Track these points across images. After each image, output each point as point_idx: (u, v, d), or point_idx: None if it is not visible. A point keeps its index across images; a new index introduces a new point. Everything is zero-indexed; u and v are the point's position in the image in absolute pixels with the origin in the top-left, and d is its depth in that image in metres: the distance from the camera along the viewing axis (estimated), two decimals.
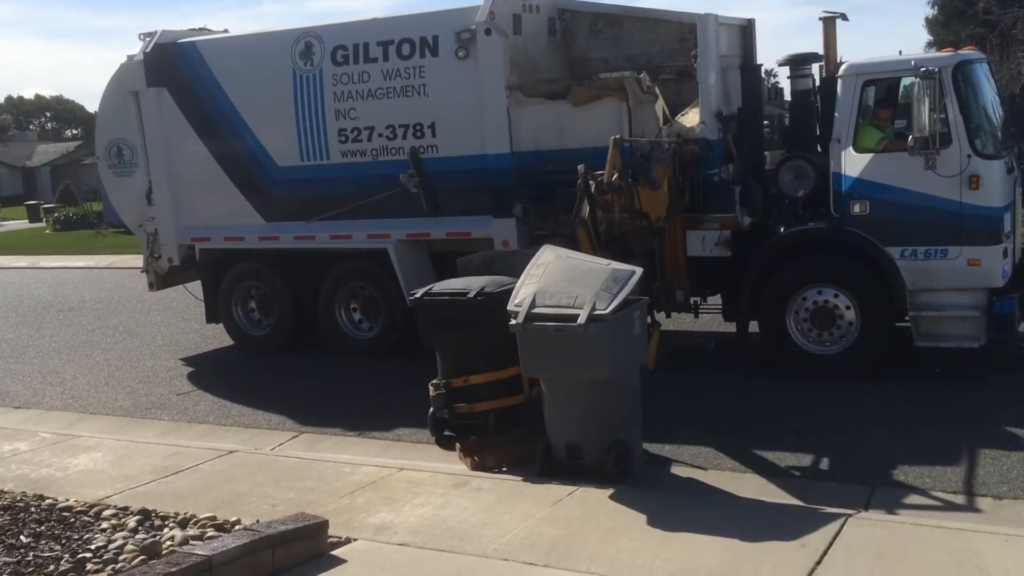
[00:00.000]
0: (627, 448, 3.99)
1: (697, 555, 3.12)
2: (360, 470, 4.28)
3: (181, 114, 6.89)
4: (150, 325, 9.01)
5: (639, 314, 4.04)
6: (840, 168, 5.26)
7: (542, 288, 3.99)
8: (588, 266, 4.12)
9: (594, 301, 3.79)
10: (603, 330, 3.73)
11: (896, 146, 5.24)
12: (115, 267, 15.27)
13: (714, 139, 5.49)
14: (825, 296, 5.33)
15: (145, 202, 7.19)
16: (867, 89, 5.26)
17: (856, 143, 5.24)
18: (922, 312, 5.13)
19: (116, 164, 7.34)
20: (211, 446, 4.88)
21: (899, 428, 4.46)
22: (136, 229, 7.47)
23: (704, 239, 5.56)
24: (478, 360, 4.33)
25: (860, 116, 5.23)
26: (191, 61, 6.80)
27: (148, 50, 6.87)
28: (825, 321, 5.34)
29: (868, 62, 5.46)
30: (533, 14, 6.16)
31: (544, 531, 3.45)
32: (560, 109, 5.88)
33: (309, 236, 6.68)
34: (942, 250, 5.05)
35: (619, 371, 3.90)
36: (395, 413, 5.24)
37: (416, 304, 4.52)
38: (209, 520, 3.68)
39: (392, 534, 3.53)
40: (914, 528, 3.20)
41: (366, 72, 6.17)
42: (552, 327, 3.80)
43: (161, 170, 7.04)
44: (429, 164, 6.14)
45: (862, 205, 5.20)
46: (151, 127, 6.97)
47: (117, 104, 7.14)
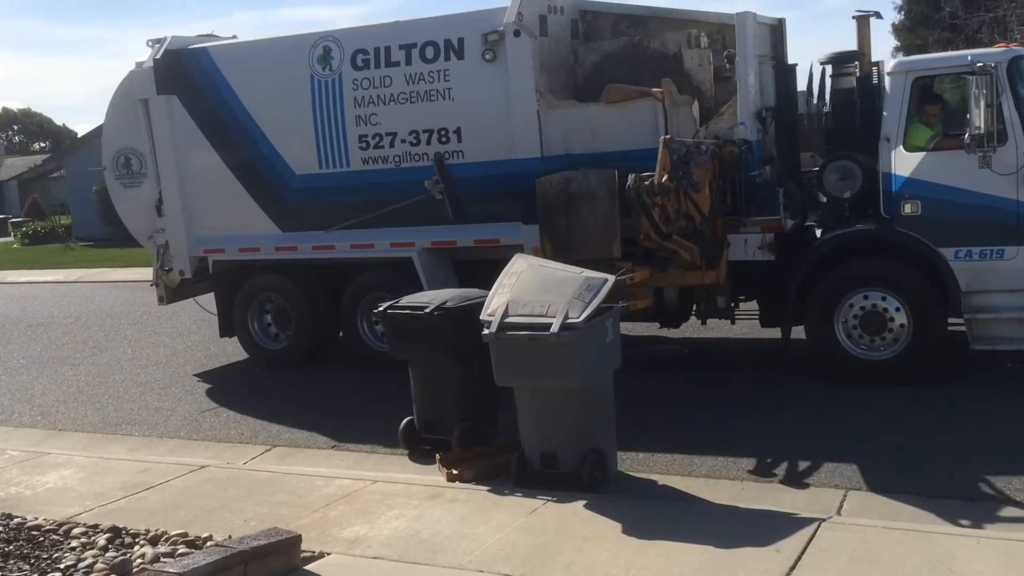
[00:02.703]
0: (602, 456, 4.75)
1: (672, 562, 3.75)
2: (334, 483, 5.02)
3: (193, 122, 8.06)
4: (120, 340, 10.54)
5: (612, 322, 4.78)
6: (890, 167, 6.21)
7: (515, 297, 4.74)
8: (561, 275, 4.89)
9: (567, 309, 4.51)
10: (576, 338, 4.45)
11: (948, 144, 6.18)
12: (84, 281, 17.49)
13: (754, 140, 6.51)
14: (873, 300, 6.28)
15: (155, 213, 8.37)
16: (917, 86, 6.21)
17: (906, 142, 6.19)
18: (977, 314, 6.04)
19: (124, 174, 8.54)
20: (182, 461, 5.70)
21: (870, 432, 5.40)
22: (145, 241, 8.68)
23: (746, 243, 6.53)
24: (443, 374, 5.28)
25: (910, 114, 6.18)
26: (203, 68, 7.98)
27: (158, 57, 8.03)
28: (875, 326, 6.28)
29: (919, 59, 6.41)
30: (558, 15, 7.22)
31: (519, 541, 4.09)
32: (592, 111, 6.95)
33: (329, 246, 7.77)
34: (998, 250, 5.96)
35: (592, 379, 4.64)
36: (369, 425, 6.22)
37: (379, 318, 5.56)
38: (180, 537, 4.32)
39: (366, 547, 4.14)
40: (887, 532, 3.87)
41: (388, 76, 7.26)
42: (525, 336, 4.52)
43: (172, 180, 8.22)
44: (455, 170, 7.20)
45: (913, 205, 6.14)
46: (161, 136, 8.15)
47: (125, 113, 8.31)
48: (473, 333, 4.86)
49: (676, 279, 6.25)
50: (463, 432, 5.28)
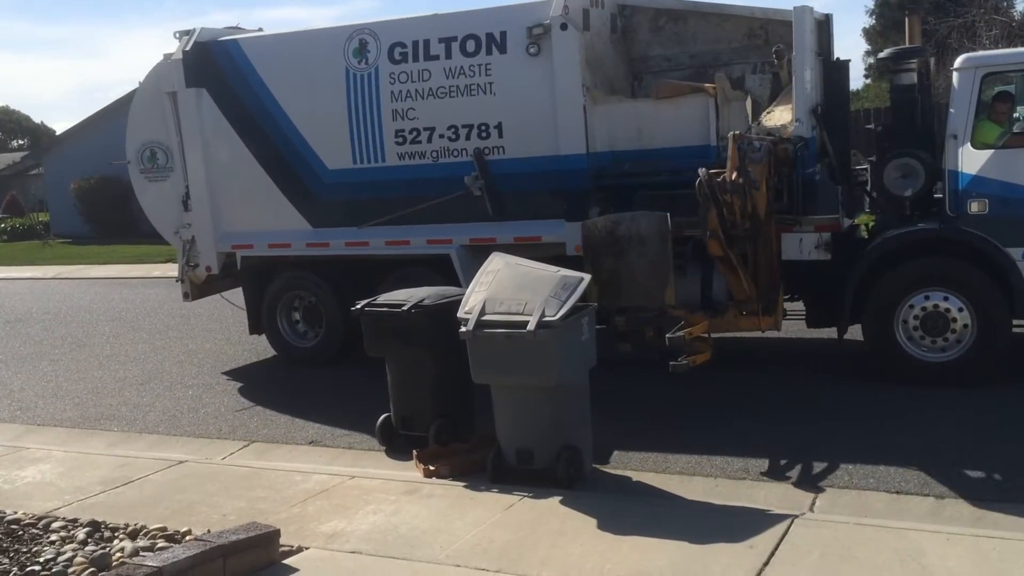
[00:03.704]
0: (577, 452, 5.73)
1: (647, 558, 4.48)
2: (311, 478, 5.99)
3: (222, 115, 9.53)
4: (98, 336, 12.56)
5: (587, 320, 5.77)
6: (956, 165, 7.25)
7: (492, 295, 5.68)
8: (537, 273, 5.85)
9: (543, 308, 5.40)
10: (552, 336, 5.33)
11: (1018, 141, 7.24)
12: (62, 278, 20.47)
13: (809, 137, 7.61)
14: (935, 300, 7.32)
15: (181, 208, 9.88)
16: (986, 82, 7.22)
17: (974, 139, 7.22)
18: None
19: (149, 168, 10.12)
20: (161, 456, 6.74)
21: (843, 430, 6.53)
22: (170, 237, 10.22)
23: (801, 242, 7.64)
24: (420, 371, 6.38)
25: (978, 111, 7.19)
26: (234, 60, 9.44)
27: (187, 49, 9.47)
28: (938, 327, 7.33)
29: (987, 54, 7.39)
30: (599, 9, 8.46)
31: (496, 536, 4.84)
32: (640, 107, 8.17)
33: (362, 243, 9.12)
34: None
35: (568, 377, 5.56)
36: (347, 421, 7.44)
37: (357, 315, 6.61)
38: (159, 531, 5.05)
39: (344, 542, 4.92)
40: (858, 528, 4.68)
41: (426, 70, 8.57)
42: (502, 334, 5.43)
43: (199, 174, 9.73)
44: (495, 166, 8.48)
45: (981, 204, 7.16)
46: (189, 129, 9.64)
47: (151, 106, 9.79)
48: (450, 330, 6.02)
49: (730, 325, 7.10)
50: (440, 428, 6.42)
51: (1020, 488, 5.43)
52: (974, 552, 4.47)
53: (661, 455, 6.29)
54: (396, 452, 6.71)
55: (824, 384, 7.74)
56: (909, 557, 4.40)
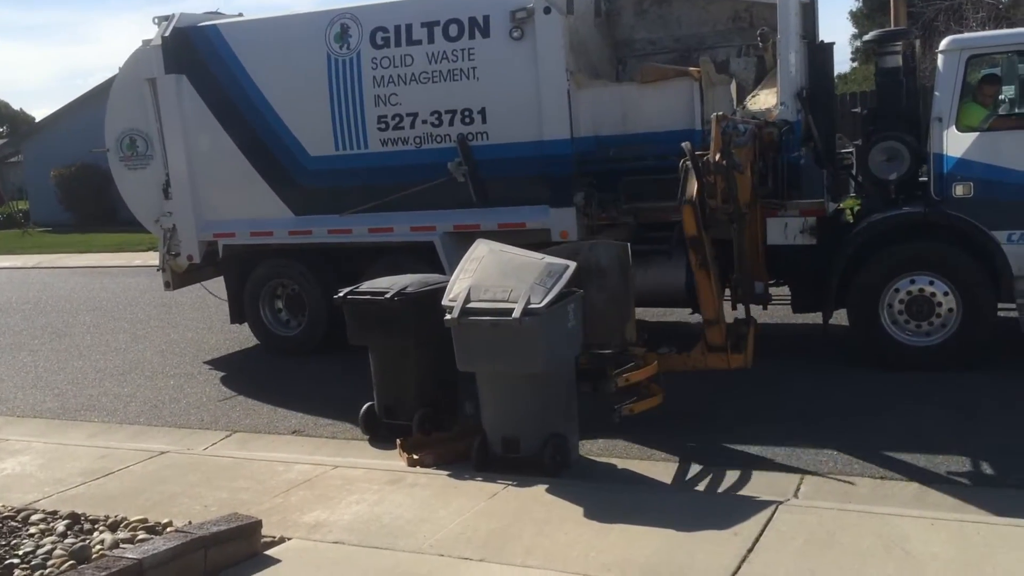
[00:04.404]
0: (564, 440, 5.74)
1: (632, 546, 4.51)
2: (294, 468, 5.98)
3: (203, 102, 9.50)
4: (78, 326, 12.52)
5: (574, 307, 5.75)
6: (941, 148, 7.27)
7: (477, 283, 5.67)
8: (522, 260, 5.82)
9: (528, 295, 5.41)
10: (537, 324, 5.35)
11: (1003, 124, 7.27)
12: (42, 267, 20.40)
13: (794, 120, 7.62)
14: (920, 284, 7.36)
15: (161, 196, 9.85)
16: (971, 65, 7.22)
17: (959, 121, 7.23)
18: None
19: (128, 156, 10.07)
20: (142, 447, 6.76)
21: (828, 415, 6.56)
22: (151, 225, 10.18)
23: (787, 226, 7.67)
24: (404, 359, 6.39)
25: (964, 93, 7.20)
26: (214, 46, 9.40)
27: (166, 35, 9.44)
28: (923, 311, 7.38)
29: (972, 36, 7.39)
30: None
31: (480, 525, 4.87)
32: (625, 91, 8.15)
33: (345, 230, 9.11)
34: None
35: (554, 364, 5.58)
36: (330, 410, 7.45)
37: (339, 304, 6.59)
38: (140, 523, 5.05)
39: (327, 532, 4.94)
40: (842, 514, 4.72)
41: (409, 55, 8.55)
42: (487, 321, 5.45)
43: (180, 162, 9.70)
44: (479, 152, 8.47)
45: (966, 187, 7.19)
46: (169, 116, 9.59)
47: (130, 92, 9.78)
48: (433, 318, 5.99)
49: (698, 362, 6.66)
50: (423, 417, 6.44)
51: (1004, 473, 5.48)
52: (958, 537, 4.50)
53: (646, 443, 6.31)
54: (379, 441, 6.72)
55: (809, 369, 7.79)
56: (893, 542, 4.45)
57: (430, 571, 4.50)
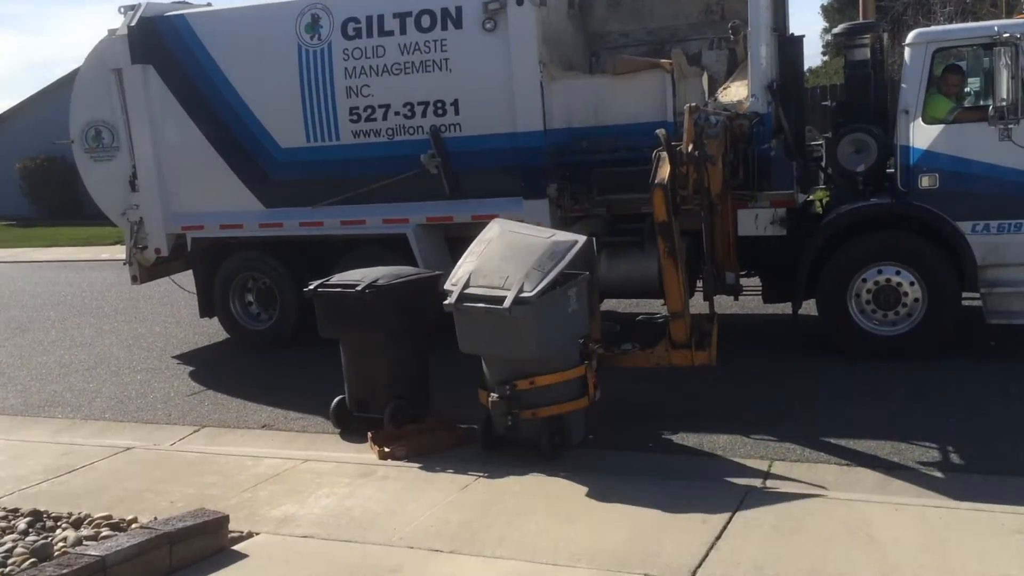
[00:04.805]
0: (563, 423, 5.92)
1: (602, 535, 4.63)
2: (263, 463, 6.03)
3: (170, 93, 9.48)
4: (42, 321, 12.43)
5: (576, 291, 5.84)
6: (908, 140, 7.43)
7: (478, 267, 5.82)
8: (528, 241, 5.90)
9: (522, 283, 5.52)
10: (528, 313, 5.48)
11: (968, 116, 7.43)
12: (6, 261, 20.00)
13: (765, 112, 7.74)
14: (887, 275, 7.53)
15: (128, 188, 9.82)
16: (937, 57, 7.39)
17: (925, 114, 7.40)
18: (993, 289, 7.29)
19: (94, 147, 10.02)
20: (107, 443, 6.72)
21: (796, 404, 6.73)
22: (117, 218, 10.15)
23: (757, 217, 7.81)
24: (375, 352, 6.45)
25: (930, 86, 7.37)
26: (181, 36, 9.37)
27: (132, 24, 9.41)
28: (890, 300, 7.56)
29: (938, 29, 7.56)
30: None
31: (451, 517, 4.96)
32: (597, 83, 8.23)
33: (317, 223, 9.13)
34: (1016, 224, 7.19)
35: (549, 351, 5.71)
36: (300, 404, 7.47)
37: (310, 296, 6.63)
38: (104, 519, 5.05)
39: (296, 526, 4.99)
40: (808, 500, 4.91)
41: (381, 46, 8.57)
42: (481, 308, 5.62)
43: (147, 154, 9.67)
44: (451, 144, 8.52)
45: (931, 178, 7.36)
46: (136, 107, 9.58)
47: (95, 83, 9.75)
48: (405, 311, 6.01)
49: (662, 359, 6.69)
50: (395, 410, 6.49)
51: (965, 459, 5.64)
52: (920, 521, 4.65)
53: (615, 434, 6.39)
54: (351, 435, 6.75)
55: (777, 359, 7.93)
56: (857, 527, 4.59)
57: (400, 563, 4.56)
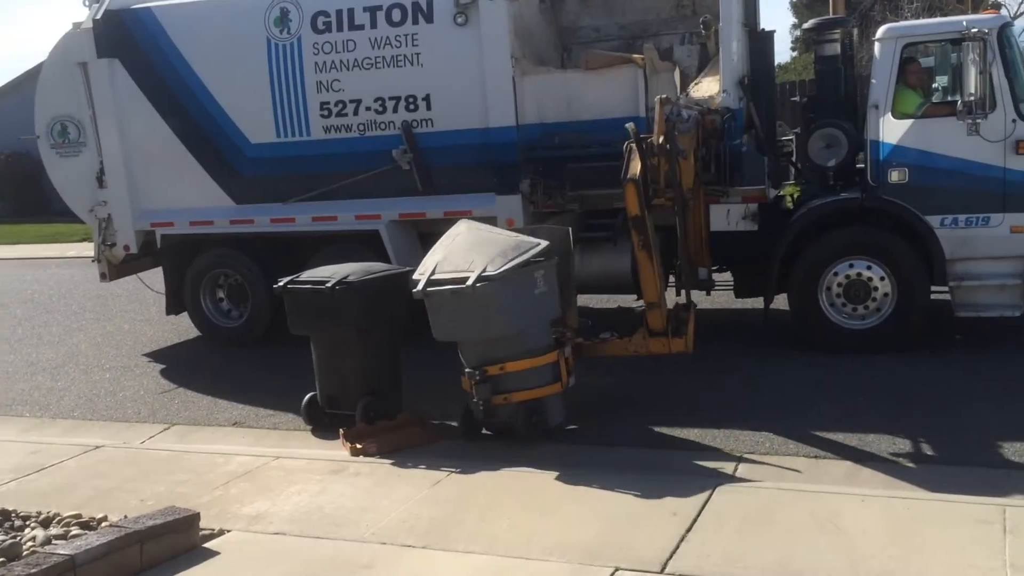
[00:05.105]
0: (541, 406, 6.03)
1: (573, 529, 4.70)
2: (234, 460, 6.05)
3: (137, 87, 9.44)
4: (9, 319, 12.34)
5: (543, 274, 6.03)
6: (878, 135, 7.55)
7: (445, 257, 6.04)
8: (494, 237, 6.14)
9: (486, 265, 5.74)
10: (492, 289, 5.67)
11: (937, 111, 7.59)
12: None
13: (736, 108, 7.83)
14: (858, 269, 7.65)
15: (96, 184, 9.77)
16: (907, 53, 7.51)
17: (895, 108, 7.53)
18: (962, 282, 7.44)
19: (60, 143, 9.96)
20: (76, 442, 6.72)
21: (766, 397, 6.86)
22: (85, 215, 10.10)
23: (729, 213, 7.93)
24: (346, 349, 6.52)
25: (899, 81, 7.50)
26: (148, 29, 9.33)
27: (97, 17, 9.37)
28: (859, 294, 7.68)
29: (907, 25, 7.69)
30: None
31: (423, 513, 5.02)
32: (570, 78, 8.30)
33: (288, 219, 9.14)
34: (984, 217, 7.34)
35: (517, 329, 5.88)
36: (272, 401, 7.50)
37: (280, 293, 6.70)
38: (74, 518, 5.05)
39: (267, 524, 5.02)
40: (778, 492, 5.01)
41: (351, 40, 8.58)
42: (448, 290, 5.80)
43: (114, 149, 9.63)
44: (423, 139, 8.55)
45: (901, 173, 7.50)
46: (102, 102, 9.53)
47: (61, 77, 9.68)
48: (376, 307, 6.04)
49: (639, 347, 6.87)
50: (366, 406, 6.51)
51: (932, 450, 5.77)
52: (887, 512, 4.75)
53: (586, 428, 6.47)
54: (322, 431, 6.77)
55: (748, 353, 8.04)
56: (826, 519, 4.68)
57: (371, 559, 4.59)
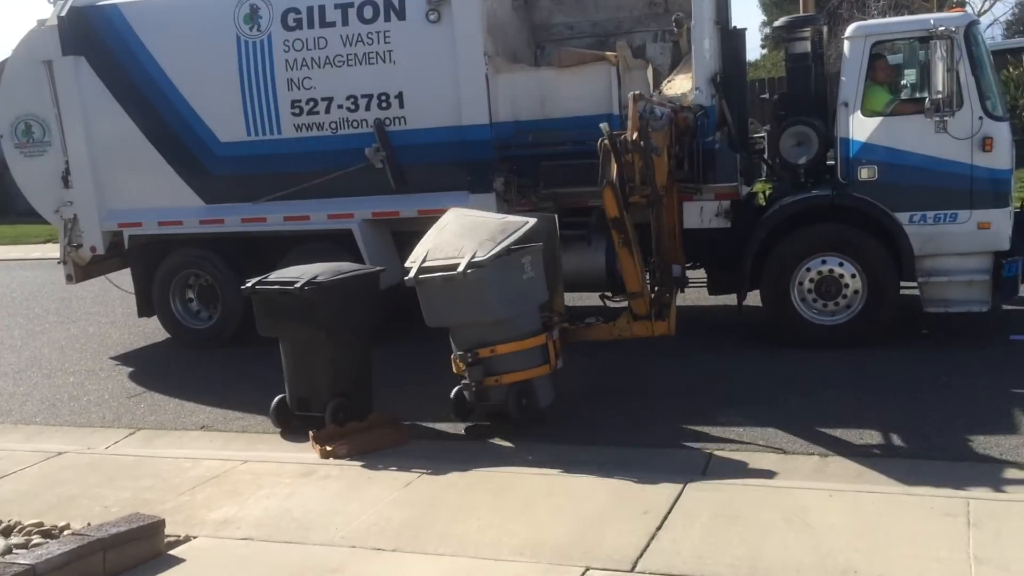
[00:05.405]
0: (531, 388, 6.23)
1: (544, 529, 4.73)
2: (201, 464, 6.02)
3: (104, 86, 9.39)
4: None
5: (530, 259, 6.26)
6: (848, 133, 7.69)
7: (435, 245, 6.26)
8: (482, 220, 6.35)
9: (476, 250, 5.97)
10: (483, 275, 5.91)
11: (906, 109, 7.73)
12: None
13: (709, 105, 7.94)
14: (830, 265, 7.80)
15: (61, 185, 9.72)
16: (876, 51, 7.66)
17: (864, 106, 7.66)
18: (930, 278, 7.60)
19: (24, 143, 9.89)
20: (38, 448, 6.68)
21: (736, 394, 6.96)
22: (50, 215, 10.04)
23: (703, 210, 8.04)
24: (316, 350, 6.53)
25: (868, 79, 7.64)
26: (114, 27, 9.28)
27: (62, 14, 9.30)
28: (831, 291, 7.83)
29: (877, 23, 7.84)
30: None
31: (393, 515, 5.02)
32: (544, 76, 8.37)
33: (259, 218, 9.14)
34: (952, 214, 7.50)
35: (508, 313, 6.11)
36: (240, 404, 7.48)
37: (249, 295, 6.72)
38: (35, 527, 4.99)
39: (235, 529, 5.00)
40: (746, 489, 5.10)
41: (322, 37, 8.59)
42: (439, 277, 6.03)
43: (80, 148, 9.57)
44: (397, 137, 8.58)
45: (870, 170, 7.64)
46: (68, 100, 9.48)
47: (25, 75, 9.62)
48: (346, 307, 6.09)
49: (623, 331, 7.16)
50: (337, 407, 6.54)
51: (898, 444, 5.90)
52: (854, 506, 4.85)
53: (557, 427, 6.53)
54: (292, 434, 6.78)
55: (722, 350, 8.15)
56: (794, 515, 4.76)
57: (341, 563, 4.59)
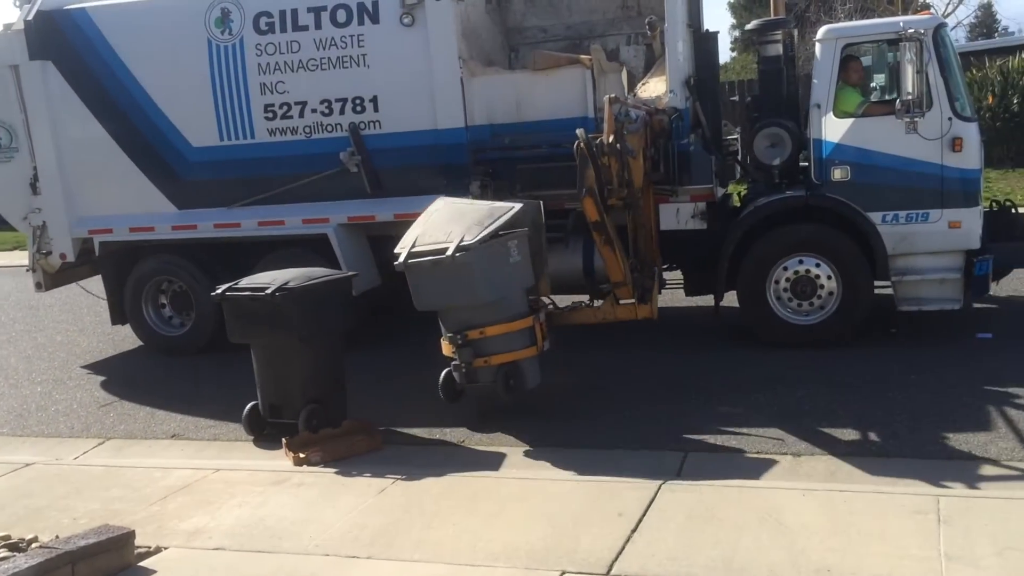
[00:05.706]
0: (518, 369, 6.49)
1: (520, 533, 4.77)
2: (172, 474, 6.02)
3: (72, 91, 9.38)
4: None
5: (516, 244, 6.50)
6: (820, 134, 7.85)
7: (424, 231, 6.49)
8: (470, 207, 6.60)
9: (463, 235, 6.23)
10: (470, 258, 6.16)
11: (877, 110, 7.90)
12: None
13: (683, 108, 8.07)
14: (807, 265, 7.96)
15: (29, 191, 9.69)
16: (847, 53, 7.83)
17: (836, 108, 7.82)
18: (904, 277, 7.78)
19: None
20: (5, 459, 6.60)
21: (712, 395, 7.07)
22: (18, 222, 10.01)
23: (679, 212, 8.17)
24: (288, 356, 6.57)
25: (840, 80, 7.81)
26: (82, 30, 9.26)
27: (29, 18, 9.29)
28: (806, 290, 8.00)
29: (847, 26, 8.01)
30: None
31: (368, 522, 5.03)
32: (518, 79, 8.47)
33: (233, 223, 9.15)
34: (923, 214, 7.69)
35: (497, 295, 6.37)
36: (212, 412, 7.50)
37: (219, 301, 6.77)
38: (2, 540, 4.94)
39: (207, 539, 5.00)
40: (721, 489, 5.18)
41: (295, 41, 8.65)
42: (428, 261, 6.26)
43: (49, 154, 9.56)
44: (371, 141, 8.63)
45: (843, 171, 7.81)
46: (35, 106, 9.46)
47: None
48: (318, 313, 6.17)
49: (608, 314, 7.54)
50: (310, 414, 6.54)
51: (869, 443, 6.02)
52: (826, 505, 4.96)
53: (533, 430, 6.61)
54: (265, 442, 6.80)
55: (697, 351, 8.28)
56: (767, 514, 4.87)
57: (315, 572, 4.64)
